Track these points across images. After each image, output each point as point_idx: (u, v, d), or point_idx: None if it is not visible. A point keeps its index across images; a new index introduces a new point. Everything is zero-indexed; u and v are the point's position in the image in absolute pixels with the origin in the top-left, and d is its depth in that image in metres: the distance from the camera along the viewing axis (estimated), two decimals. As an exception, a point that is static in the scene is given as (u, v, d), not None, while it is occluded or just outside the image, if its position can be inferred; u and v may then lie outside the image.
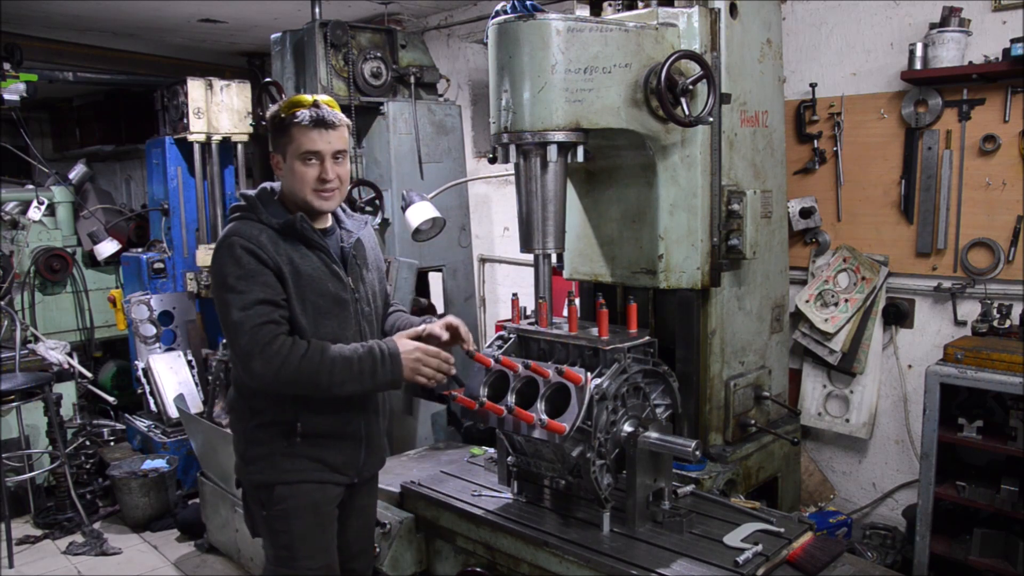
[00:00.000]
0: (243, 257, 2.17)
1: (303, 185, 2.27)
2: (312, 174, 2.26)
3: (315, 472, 2.35)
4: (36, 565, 4.28)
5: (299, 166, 2.26)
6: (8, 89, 5.27)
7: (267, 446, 2.33)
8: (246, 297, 2.15)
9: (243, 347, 2.14)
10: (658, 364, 2.51)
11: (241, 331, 2.14)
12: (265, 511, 2.36)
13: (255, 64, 6.76)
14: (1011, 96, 3.17)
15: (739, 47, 2.89)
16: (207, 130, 5.49)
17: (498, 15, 2.56)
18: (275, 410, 2.31)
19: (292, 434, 2.30)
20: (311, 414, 2.31)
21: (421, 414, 4.14)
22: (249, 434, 2.36)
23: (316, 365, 2.16)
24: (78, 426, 5.14)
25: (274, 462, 2.32)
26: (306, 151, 2.24)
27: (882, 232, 3.59)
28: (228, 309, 2.16)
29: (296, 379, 2.16)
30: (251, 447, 2.35)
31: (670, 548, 2.30)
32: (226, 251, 2.20)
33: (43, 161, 6.55)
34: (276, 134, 2.29)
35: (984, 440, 2.97)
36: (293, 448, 2.31)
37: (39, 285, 6.11)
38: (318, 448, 2.34)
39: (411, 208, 3.82)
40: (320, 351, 2.18)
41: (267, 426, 2.33)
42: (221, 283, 2.19)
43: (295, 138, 2.24)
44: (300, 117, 2.24)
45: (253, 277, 2.17)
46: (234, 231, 2.23)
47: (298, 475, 2.33)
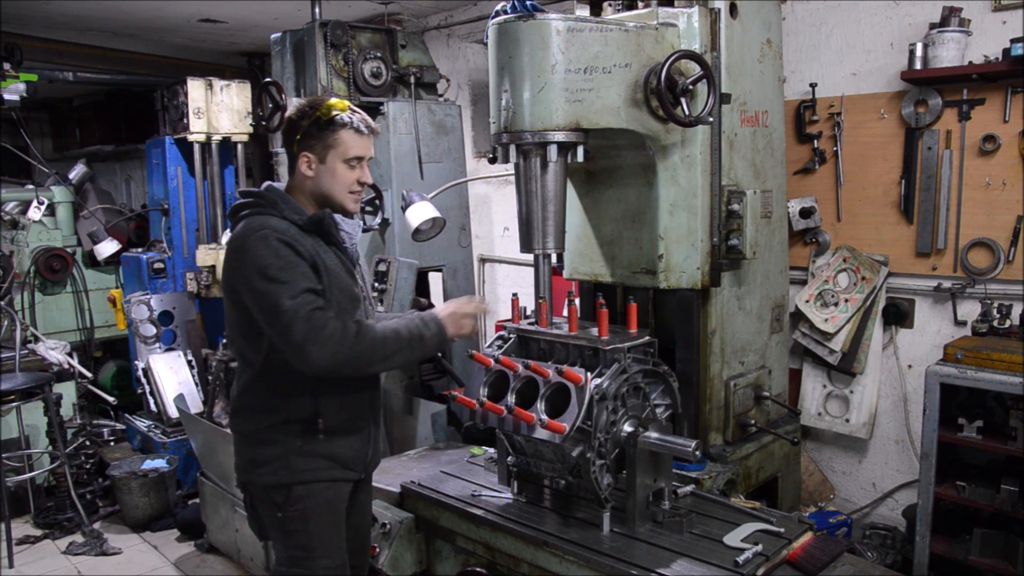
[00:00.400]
0: (281, 248, 2.18)
1: (341, 187, 2.33)
2: (353, 177, 2.33)
3: (329, 470, 2.36)
4: (36, 565, 4.28)
5: (342, 168, 2.31)
6: (8, 89, 5.27)
7: (281, 446, 2.31)
8: (293, 287, 2.16)
9: (299, 336, 2.12)
10: (658, 364, 2.51)
11: (296, 320, 2.12)
12: (280, 512, 2.34)
13: (255, 64, 6.76)
14: (1011, 96, 3.17)
15: (739, 47, 2.89)
16: (207, 130, 5.49)
17: (498, 15, 2.57)
18: (292, 407, 2.31)
19: (312, 431, 2.31)
20: (329, 409, 2.33)
21: (421, 414, 4.14)
22: (261, 435, 2.33)
23: (371, 341, 2.20)
24: (78, 426, 5.14)
25: (289, 462, 2.31)
26: (354, 155, 2.31)
27: (882, 232, 3.59)
28: (277, 299, 2.14)
29: (352, 358, 2.18)
30: (263, 448, 2.33)
31: (670, 548, 2.30)
32: (260, 243, 2.18)
33: (43, 161, 6.55)
34: (316, 134, 2.29)
35: (984, 440, 2.97)
36: (308, 447, 2.32)
37: (39, 285, 6.11)
38: (332, 445, 2.35)
39: (411, 208, 3.82)
40: (369, 329, 2.22)
41: (282, 425, 2.32)
42: (262, 274, 2.16)
43: (344, 141, 2.29)
44: (353, 122, 2.29)
45: (294, 267, 2.18)
46: (263, 224, 2.22)
47: (313, 474, 2.33)
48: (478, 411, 2.46)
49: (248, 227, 2.24)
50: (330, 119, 2.27)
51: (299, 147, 2.31)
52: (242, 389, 2.39)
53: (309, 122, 2.28)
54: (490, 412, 2.42)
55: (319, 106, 2.29)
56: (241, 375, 2.41)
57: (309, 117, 2.28)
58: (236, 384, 2.43)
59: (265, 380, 2.32)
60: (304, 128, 2.29)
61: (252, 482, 2.39)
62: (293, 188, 2.37)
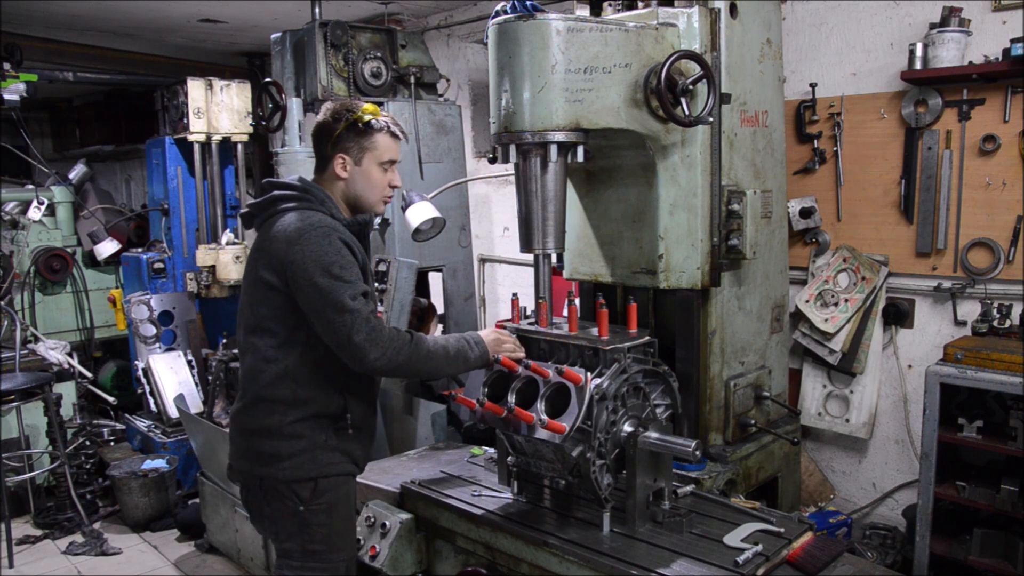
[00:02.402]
0: (342, 248, 2.23)
1: (376, 190, 2.40)
2: (387, 181, 2.41)
3: (345, 464, 2.41)
4: (36, 565, 4.28)
5: (377, 172, 2.38)
6: (8, 89, 5.27)
7: (307, 439, 2.32)
8: (355, 288, 2.21)
9: (361, 336, 2.17)
10: (658, 364, 2.50)
11: (358, 319, 2.17)
12: (304, 507, 2.33)
13: (255, 64, 6.76)
14: (1011, 96, 3.17)
15: (739, 47, 2.89)
16: (207, 130, 5.49)
17: (498, 15, 2.56)
18: (323, 402, 2.34)
19: (341, 426, 2.36)
20: (355, 406, 2.39)
21: (421, 414, 4.13)
22: (287, 429, 2.32)
23: (423, 352, 2.29)
24: (78, 426, 5.14)
25: (315, 456, 2.33)
26: (389, 159, 2.39)
27: (882, 232, 3.59)
28: (341, 297, 2.17)
29: (404, 363, 2.25)
30: (288, 442, 2.31)
31: (670, 548, 2.30)
32: (323, 239, 2.21)
33: (43, 161, 6.55)
34: (353, 136, 2.35)
35: (984, 440, 2.97)
36: (331, 441, 2.35)
37: (39, 285, 6.11)
38: (351, 441, 2.40)
39: (411, 208, 3.82)
40: (420, 339, 2.31)
41: (310, 419, 2.33)
42: (326, 271, 2.17)
43: (380, 145, 2.36)
44: (389, 126, 2.37)
45: (353, 267, 2.24)
46: (323, 221, 2.26)
47: (336, 468, 2.37)
48: (478, 411, 2.46)
49: (306, 221, 2.25)
50: (367, 123, 2.34)
51: (334, 149, 2.36)
52: (267, 384, 2.32)
53: (345, 124, 2.34)
54: (490, 412, 2.42)
55: (355, 109, 2.36)
56: (263, 370, 2.33)
57: (346, 120, 2.34)
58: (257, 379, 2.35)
59: (297, 375, 2.31)
60: (340, 130, 2.34)
61: (272, 476, 2.34)
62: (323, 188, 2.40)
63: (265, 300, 2.30)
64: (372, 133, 2.35)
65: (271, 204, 2.35)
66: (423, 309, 4.44)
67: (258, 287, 2.31)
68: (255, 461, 2.37)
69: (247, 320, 2.38)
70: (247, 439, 2.39)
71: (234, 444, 2.46)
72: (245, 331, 2.39)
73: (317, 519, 2.35)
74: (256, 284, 2.32)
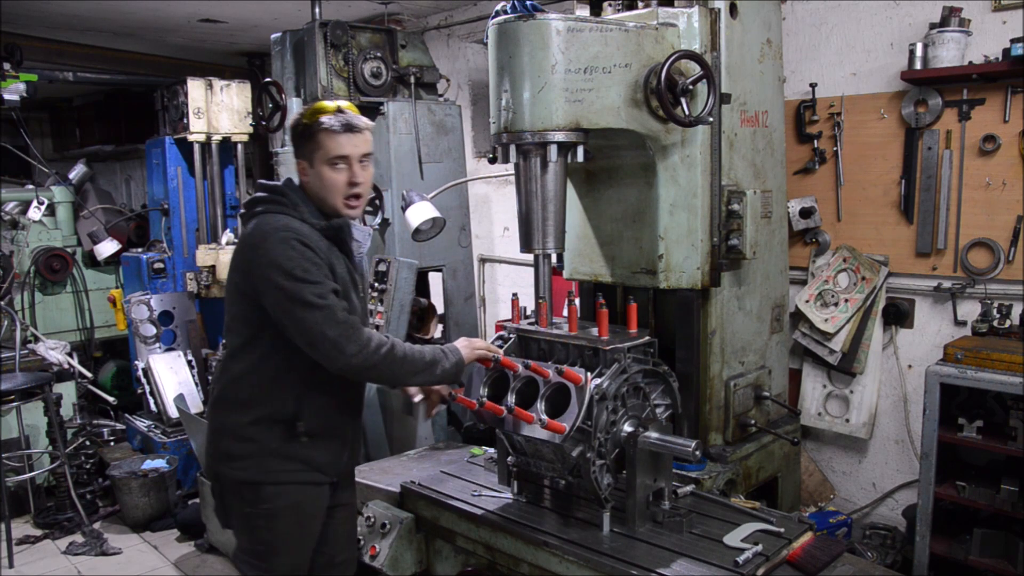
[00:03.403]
0: (305, 251, 2.20)
1: (334, 192, 2.31)
2: (342, 179, 2.30)
3: (301, 473, 2.37)
4: (36, 565, 4.28)
5: (328, 171, 2.29)
6: (8, 89, 5.27)
7: (257, 444, 2.32)
8: (322, 287, 2.18)
9: (335, 332, 2.16)
10: (658, 364, 2.51)
11: (329, 315, 2.16)
12: (248, 508, 2.36)
13: (255, 64, 6.76)
14: (1011, 96, 3.17)
15: (739, 47, 2.89)
16: (207, 130, 5.49)
17: (498, 15, 2.56)
18: (276, 406, 2.32)
19: (291, 433, 2.32)
20: (311, 412, 2.33)
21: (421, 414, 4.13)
22: (240, 430, 2.34)
23: (399, 355, 2.25)
24: (78, 426, 5.14)
25: (263, 461, 2.33)
26: (335, 156, 2.27)
27: (882, 232, 3.59)
28: (305, 295, 2.15)
29: (381, 363, 2.22)
30: (239, 444, 2.34)
31: (670, 548, 2.30)
32: (282, 244, 2.19)
33: (43, 161, 6.55)
34: (302, 140, 2.31)
35: (984, 440, 2.97)
36: (284, 448, 2.33)
37: (39, 285, 6.11)
38: (307, 448, 2.36)
39: (411, 208, 3.82)
40: (395, 343, 2.27)
41: (262, 422, 2.32)
42: (287, 273, 2.16)
43: (323, 143, 2.27)
44: (327, 123, 2.26)
45: (319, 268, 2.21)
46: (283, 226, 2.23)
47: (285, 476, 2.35)
48: (478, 411, 2.46)
49: (268, 225, 2.24)
50: (307, 124, 2.28)
51: (297, 154, 2.35)
52: (229, 381, 2.38)
53: (299, 128, 2.32)
54: (490, 412, 2.42)
55: (306, 112, 2.32)
56: (229, 368, 2.39)
57: (299, 123, 2.32)
58: (223, 376, 2.42)
59: (254, 376, 2.33)
60: (297, 134, 2.33)
61: (224, 475, 2.40)
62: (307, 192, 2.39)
63: (234, 300, 2.35)
64: (313, 134, 2.27)
65: (250, 207, 2.36)
66: (423, 309, 4.44)
67: (230, 289, 2.37)
68: (213, 457, 2.42)
69: (225, 318, 2.44)
70: (211, 435, 2.44)
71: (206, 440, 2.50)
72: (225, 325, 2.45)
73: (258, 523, 2.37)
74: (229, 286, 2.38)
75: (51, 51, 5.83)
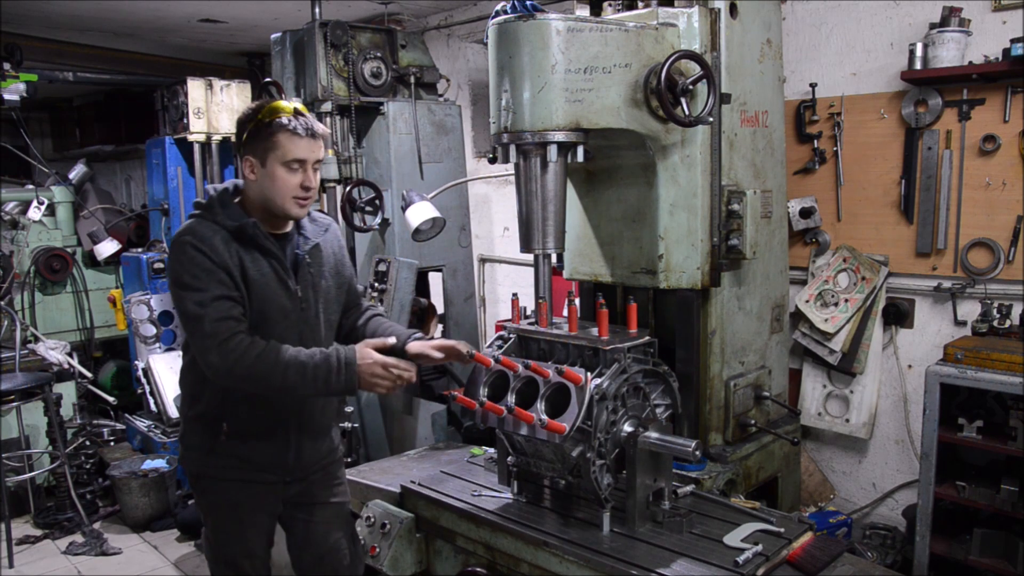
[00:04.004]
0: (196, 256, 2.19)
1: (283, 192, 2.27)
2: (295, 181, 2.27)
3: (238, 471, 2.39)
4: (36, 565, 4.28)
5: (283, 173, 2.25)
6: (8, 89, 5.27)
7: (198, 437, 2.41)
8: (204, 294, 2.17)
9: (202, 340, 2.16)
10: (658, 364, 2.50)
11: (201, 324, 2.15)
12: (197, 496, 2.53)
13: (255, 64, 6.76)
14: (1011, 96, 3.17)
15: (739, 47, 2.89)
16: (207, 130, 5.49)
17: (498, 15, 2.56)
18: (206, 404, 2.37)
19: (216, 432, 2.36)
20: (239, 413, 2.34)
21: (421, 414, 4.14)
22: (187, 423, 2.46)
23: (270, 366, 2.16)
24: (78, 426, 5.14)
25: (202, 455, 2.41)
26: (293, 159, 2.25)
27: (882, 232, 3.59)
28: (185, 304, 2.19)
29: (249, 376, 2.16)
30: (187, 435, 2.47)
31: (670, 548, 2.30)
32: (178, 251, 2.22)
33: (43, 161, 6.55)
34: (255, 138, 2.25)
35: (984, 440, 2.97)
36: (217, 445, 2.37)
37: (39, 285, 6.11)
38: (241, 447, 2.38)
39: (411, 208, 3.82)
40: (276, 352, 2.17)
41: (199, 419, 2.40)
42: (176, 281, 2.21)
43: (281, 145, 2.23)
44: (291, 125, 2.23)
45: (209, 274, 2.18)
46: (187, 231, 2.25)
47: (220, 472, 2.39)
48: (478, 411, 2.46)
49: (177, 233, 2.28)
50: (268, 123, 2.24)
51: (243, 150, 2.29)
52: (181, 375, 2.48)
53: (252, 125, 2.26)
54: (490, 412, 2.41)
55: (261, 109, 2.26)
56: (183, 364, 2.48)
57: (252, 120, 2.26)
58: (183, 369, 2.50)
59: (190, 375, 2.40)
60: (248, 131, 2.27)
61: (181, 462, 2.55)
62: (244, 191, 2.36)
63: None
64: (274, 133, 2.22)
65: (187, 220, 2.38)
66: (423, 309, 4.45)
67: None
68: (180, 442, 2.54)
69: None
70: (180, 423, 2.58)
71: None
72: None
73: (202, 511, 2.53)
74: None
75: (51, 51, 5.83)
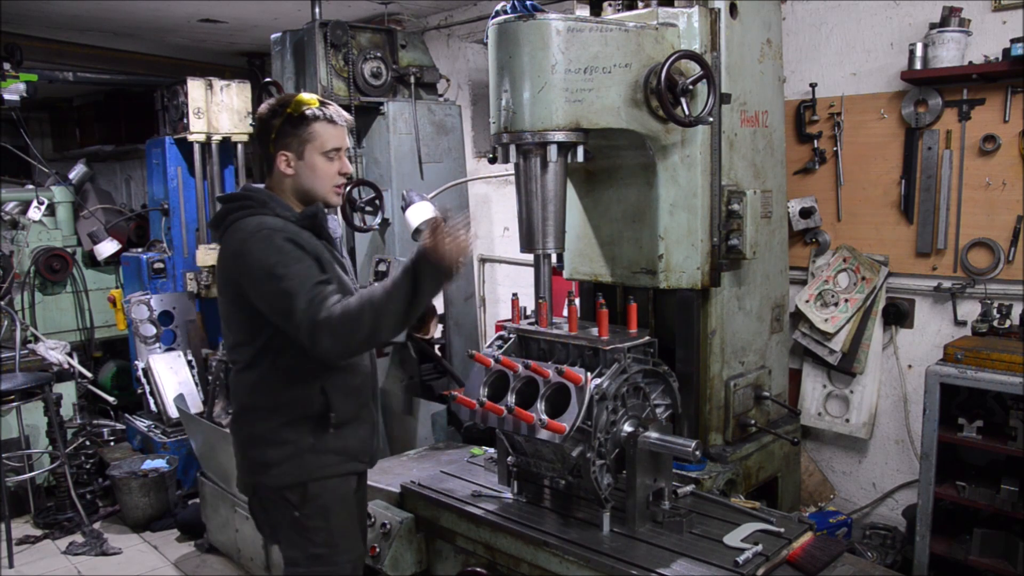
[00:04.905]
0: (285, 245, 2.17)
1: (325, 181, 2.32)
2: (334, 170, 2.32)
3: (341, 464, 2.37)
4: (36, 565, 4.28)
5: (322, 162, 2.29)
6: (8, 89, 5.27)
7: (293, 445, 2.30)
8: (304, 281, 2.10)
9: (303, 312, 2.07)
10: (658, 364, 2.50)
11: (297, 299, 2.07)
12: (297, 512, 2.32)
13: (255, 64, 6.76)
14: (1011, 96, 3.17)
15: (739, 47, 2.89)
16: (207, 130, 5.48)
17: (498, 15, 2.56)
18: (303, 404, 2.30)
19: (323, 426, 2.30)
20: (338, 401, 2.32)
21: (421, 414, 4.14)
22: (271, 435, 2.31)
23: (373, 300, 2.07)
24: (78, 426, 5.14)
25: (303, 460, 2.30)
26: (332, 147, 2.30)
27: (882, 232, 3.58)
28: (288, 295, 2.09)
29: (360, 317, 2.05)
30: (274, 448, 2.30)
31: (670, 548, 2.30)
32: (263, 243, 2.16)
33: (43, 161, 6.55)
34: (289, 130, 2.26)
35: (984, 440, 2.97)
36: (320, 443, 2.31)
37: (39, 285, 6.11)
38: (342, 438, 2.35)
39: (411, 208, 3.82)
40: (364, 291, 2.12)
41: (294, 423, 2.30)
42: (270, 274, 2.12)
43: (319, 134, 2.27)
44: (327, 114, 2.27)
45: (300, 262, 2.16)
46: (261, 224, 2.20)
47: (324, 470, 2.34)
48: (478, 411, 2.46)
49: (246, 229, 2.22)
50: (302, 114, 2.25)
51: (275, 146, 2.29)
52: (248, 393, 2.36)
53: (282, 120, 2.26)
54: (490, 412, 2.42)
55: (288, 102, 2.28)
56: (244, 380, 2.36)
57: (281, 115, 2.27)
58: (239, 390, 2.39)
59: (272, 380, 2.30)
60: (278, 126, 2.27)
61: (263, 484, 2.36)
62: (273, 188, 2.35)
63: (233, 311, 2.33)
64: (309, 123, 2.25)
65: (221, 220, 2.31)
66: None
67: (224, 301, 2.35)
68: (249, 470, 2.39)
69: (224, 332, 2.43)
70: (241, 449, 2.41)
71: (235, 455, 2.46)
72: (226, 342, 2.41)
73: (314, 523, 2.34)
74: (222, 297, 2.36)
75: (51, 51, 5.83)
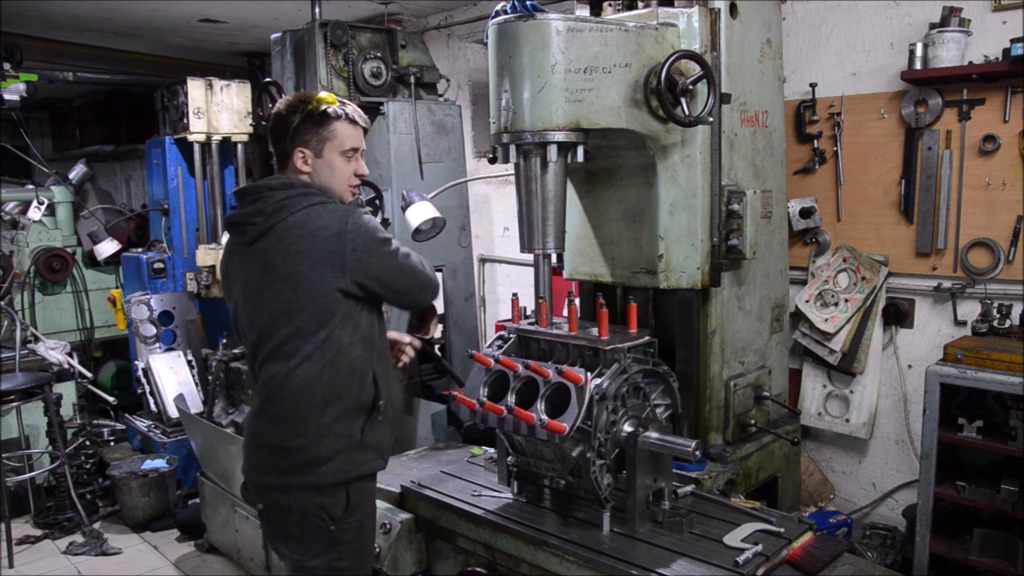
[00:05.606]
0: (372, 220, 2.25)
1: (342, 180, 2.32)
2: (351, 170, 2.33)
3: (376, 462, 2.33)
4: (36, 565, 4.28)
5: (340, 162, 2.30)
6: (8, 89, 5.27)
7: (344, 439, 2.21)
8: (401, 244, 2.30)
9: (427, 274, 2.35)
10: (658, 364, 2.51)
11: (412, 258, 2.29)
12: (334, 526, 2.22)
13: (255, 64, 6.76)
14: (1011, 96, 3.17)
15: (739, 47, 2.89)
16: (207, 130, 5.49)
17: (498, 15, 2.56)
18: (356, 393, 2.23)
19: (374, 416, 2.27)
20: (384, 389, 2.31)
21: (421, 414, 4.13)
22: (325, 429, 2.18)
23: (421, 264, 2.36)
24: (78, 426, 5.14)
25: (351, 456, 2.23)
26: (351, 147, 2.31)
27: (882, 232, 3.58)
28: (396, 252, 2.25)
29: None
30: (328, 440, 2.19)
31: (670, 548, 2.30)
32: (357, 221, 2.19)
33: (43, 161, 6.55)
34: (309, 127, 2.24)
35: (984, 440, 2.97)
36: (365, 437, 2.26)
37: (39, 285, 6.11)
38: (377, 432, 2.30)
39: (411, 208, 3.82)
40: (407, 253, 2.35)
41: (346, 415, 2.22)
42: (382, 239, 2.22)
43: (339, 134, 2.27)
44: (348, 114, 2.28)
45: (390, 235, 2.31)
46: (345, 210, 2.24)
47: (368, 467, 2.30)
48: (478, 411, 2.46)
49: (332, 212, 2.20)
50: (323, 112, 2.23)
51: (292, 143, 2.26)
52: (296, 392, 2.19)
53: (301, 116, 2.23)
54: (490, 412, 2.42)
55: (310, 100, 2.25)
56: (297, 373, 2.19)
57: (301, 112, 2.23)
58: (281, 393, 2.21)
59: (334, 371, 2.19)
60: (296, 123, 2.24)
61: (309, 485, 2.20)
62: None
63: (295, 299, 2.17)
64: (330, 122, 2.24)
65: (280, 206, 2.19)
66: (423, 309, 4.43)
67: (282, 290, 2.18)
68: (288, 473, 2.21)
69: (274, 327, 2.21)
70: (275, 453, 2.24)
71: (255, 460, 2.29)
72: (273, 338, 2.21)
73: (348, 536, 2.27)
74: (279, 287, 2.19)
75: (51, 51, 5.83)
